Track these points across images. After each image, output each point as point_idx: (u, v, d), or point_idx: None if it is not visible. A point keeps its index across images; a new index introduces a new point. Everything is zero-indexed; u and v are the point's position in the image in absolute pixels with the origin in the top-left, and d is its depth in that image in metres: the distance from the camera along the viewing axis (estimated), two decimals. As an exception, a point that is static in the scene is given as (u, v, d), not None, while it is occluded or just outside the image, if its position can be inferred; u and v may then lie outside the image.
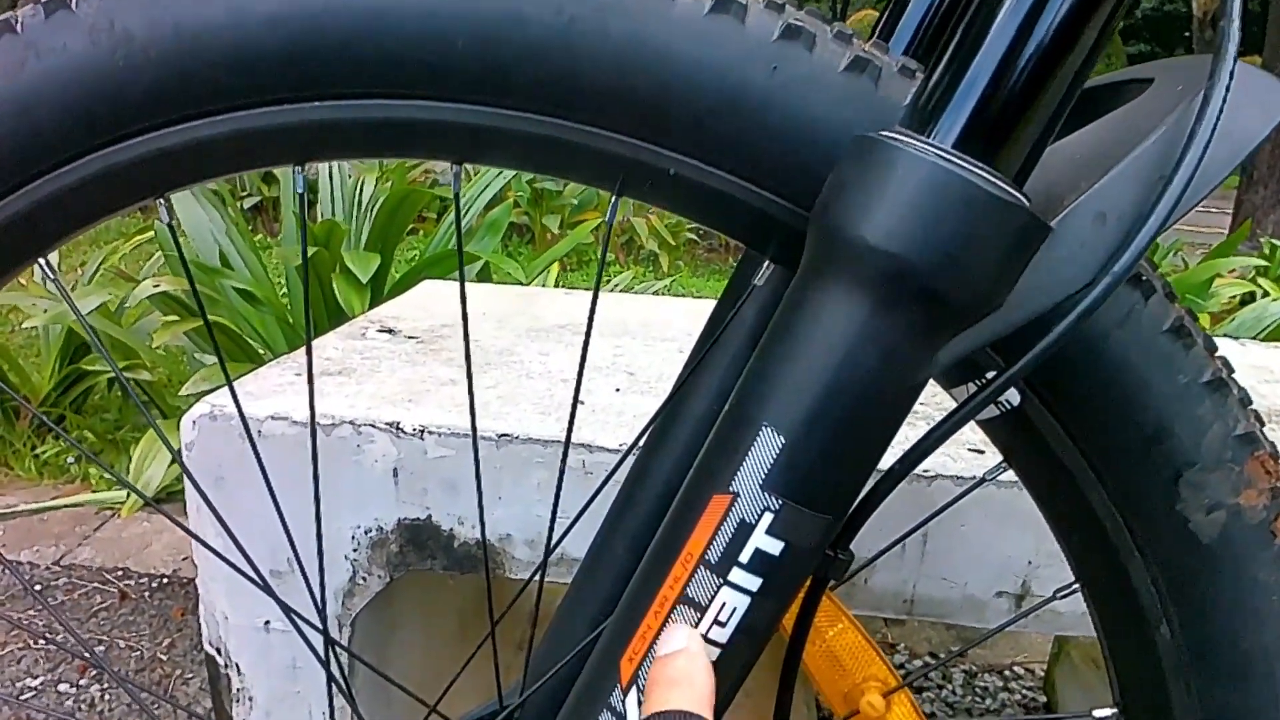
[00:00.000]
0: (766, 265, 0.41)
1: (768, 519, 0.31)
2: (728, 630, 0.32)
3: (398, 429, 0.75)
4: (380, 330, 1.07)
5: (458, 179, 0.42)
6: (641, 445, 0.49)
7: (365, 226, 2.24)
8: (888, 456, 0.35)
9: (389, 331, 1.06)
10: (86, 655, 1.43)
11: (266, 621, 0.82)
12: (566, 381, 0.90)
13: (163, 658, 1.48)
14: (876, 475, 0.35)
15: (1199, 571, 0.39)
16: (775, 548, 0.31)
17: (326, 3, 0.35)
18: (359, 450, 0.76)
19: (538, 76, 0.36)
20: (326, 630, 0.47)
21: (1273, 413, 0.95)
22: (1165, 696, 0.42)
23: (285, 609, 0.51)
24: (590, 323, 0.43)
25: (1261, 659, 0.40)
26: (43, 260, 0.45)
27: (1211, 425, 0.37)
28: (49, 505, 1.92)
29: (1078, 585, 0.45)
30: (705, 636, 0.32)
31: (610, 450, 0.74)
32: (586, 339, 0.43)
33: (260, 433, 0.76)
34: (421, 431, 0.75)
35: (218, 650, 0.84)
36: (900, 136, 0.30)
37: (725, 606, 0.32)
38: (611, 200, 0.41)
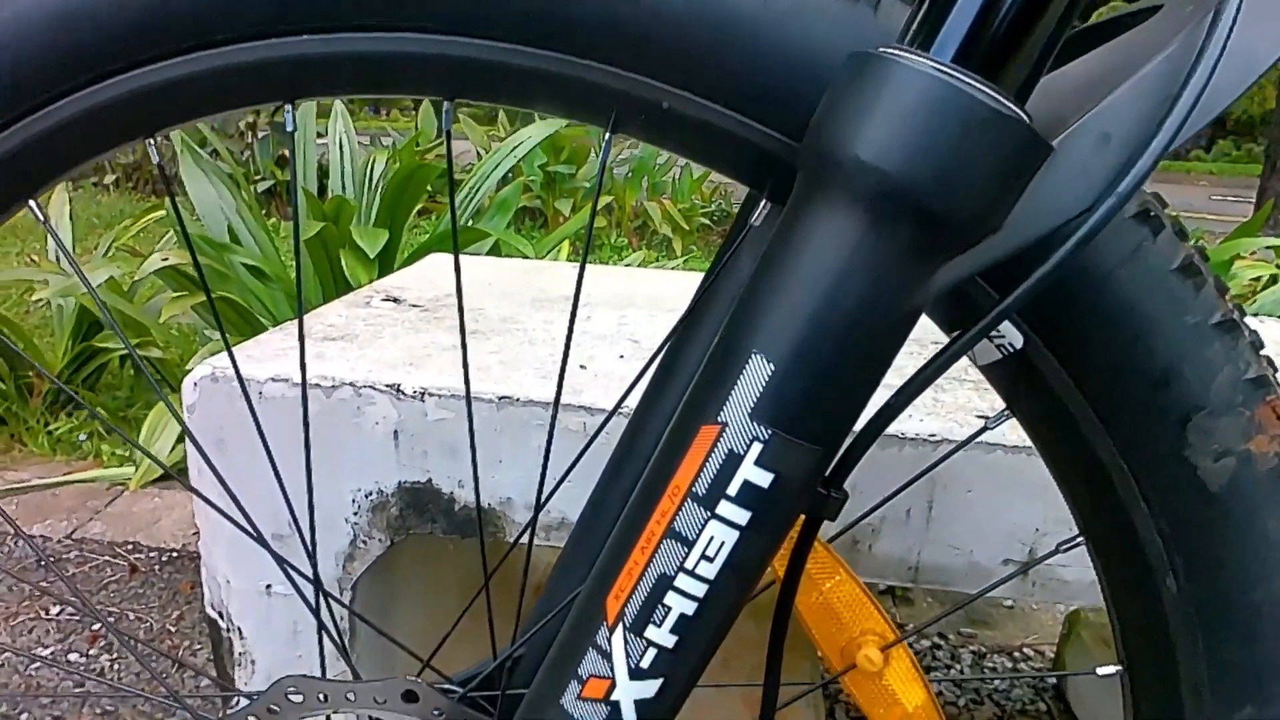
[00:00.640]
0: (763, 204, 0.40)
1: (756, 449, 0.30)
2: (715, 565, 0.31)
3: (398, 391, 0.75)
4: (385, 299, 1.06)
5: (449, 116, 0.41)
6: (638, 401, 0.48)
7: (374, 204, 2.23)
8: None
9: (393, 300, 1.05)
10: (97, 620, 1.44)
11: (268, 585, 0.82)
12: (571, 348, 0.89)
13: (171, 629, 1.49)
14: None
15: (1207, 521, 0.38)
16: (764, 479, 0.30)
17: None
18: (359, 413, 0.76)
19: (526, 7, 0.35)
20: (318, 578, 0.47)
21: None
22: (1171, 652, 0.41)
23: (280, 560, 0.50)
24: (583, 264, 0.43)
25: (1271, 612, 0.38)
26: (33, 202, 0.45)
27: (1222, 368, 0.36)
28: (61, 480, 1.93)
29: (1082, 539, 0.44)
30: (692, 572, 0.31)
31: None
32: (579, 281, 0.42)
33: (261, 394, 0.76)
34: (422, 394, 0.74)
35: (220, 614, 0.84)
36: (896, 51, 0.29)
37: (713, 541, 0.31)
38: (605, 137, 0.40)
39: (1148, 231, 0.35)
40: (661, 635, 0.32)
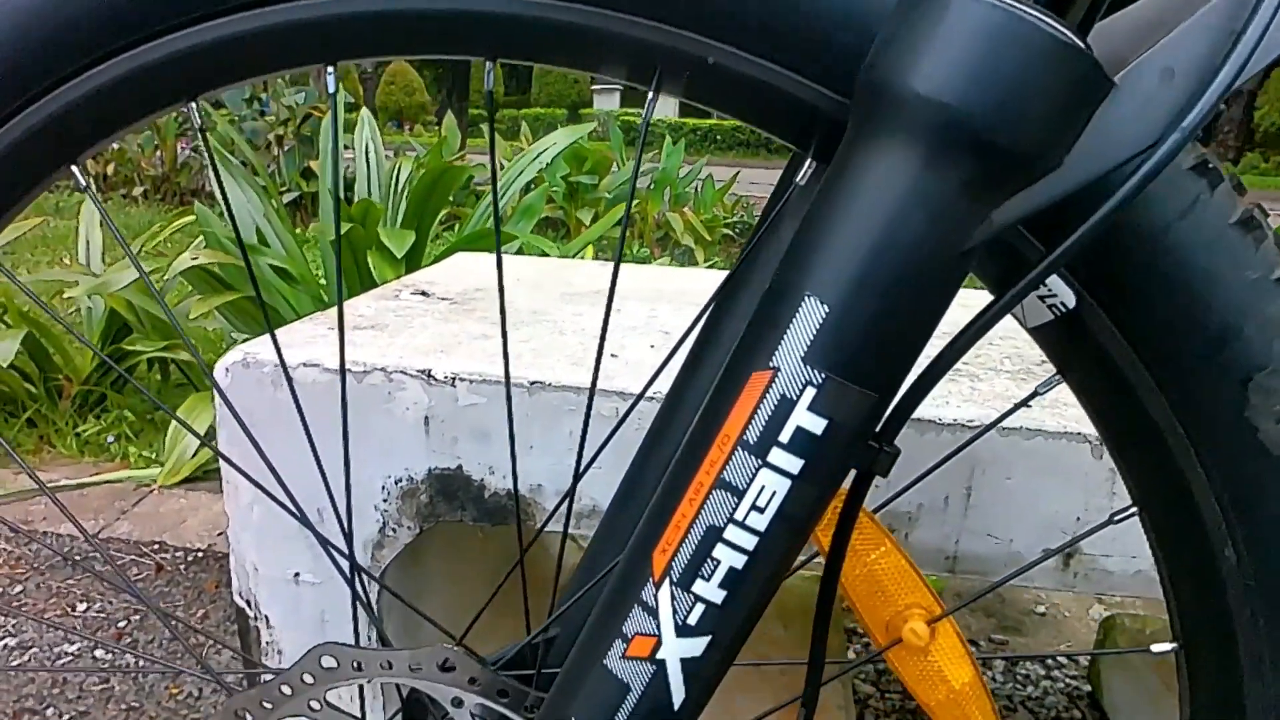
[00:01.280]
0: (809, 164, 0.39)
1: (810, 394, 0.29)
2: (766, 517, 0.30)
3: (429, 376, 0.74)
4: (414, 293, 1.06)
5: (490, 76, 0.41)
6: (671, 384, 0.47)
7: (401, 208, 2.25)
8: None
9: (422, 294, 1.05)
10: (137, 598, 1.45)
11: (296, 573, 0.82)
12: (599, 337, 0.89)
13: (196, 627, 1.49)
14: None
15: (1268, 486, 0.36)
16: (818, 425, 0.29)
17: None
18: (390, 398, 0.75)
19: None
20: (353, 553, 0.46)
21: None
22: (1230, 629, 0.40)
23: (320, 538, 0.50)
24: (621, 244, 0.42)
25: (1336, 584, 0.37)
26: (75, 167, 0.45)
27: (1285, 325, 0.35)
28: (89, 481, 1.95)
29: (1135, 510, 0.42)
30: (742, 523, 0.30)
31: (645, 399, 0.73)
32: (617, 264, 0.42)
33: (292, 380, 0.76)
34: (453, 379, 0.74)
35: (248, 602, 0.84)
36: None
37: (764, 490, 0.30)
38: (649, 97, 0.40)
39: (1205, 184, 0.34)
40: (710, 590, 0.31)
